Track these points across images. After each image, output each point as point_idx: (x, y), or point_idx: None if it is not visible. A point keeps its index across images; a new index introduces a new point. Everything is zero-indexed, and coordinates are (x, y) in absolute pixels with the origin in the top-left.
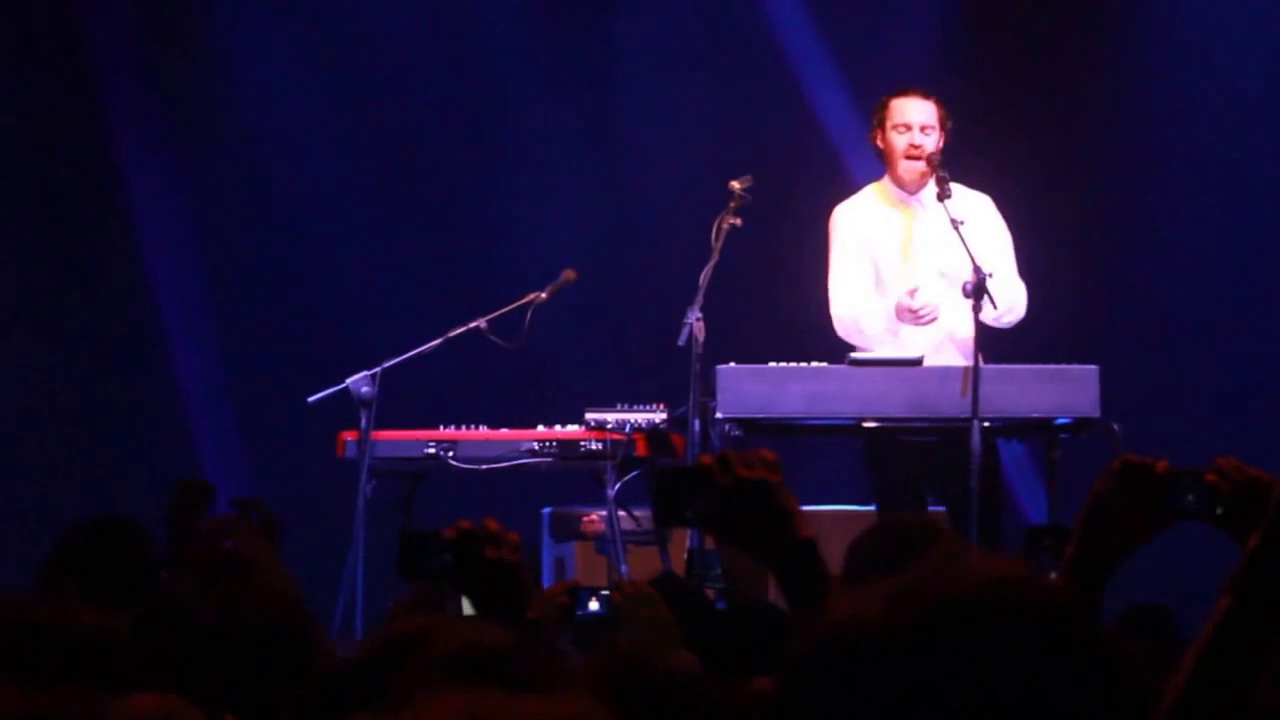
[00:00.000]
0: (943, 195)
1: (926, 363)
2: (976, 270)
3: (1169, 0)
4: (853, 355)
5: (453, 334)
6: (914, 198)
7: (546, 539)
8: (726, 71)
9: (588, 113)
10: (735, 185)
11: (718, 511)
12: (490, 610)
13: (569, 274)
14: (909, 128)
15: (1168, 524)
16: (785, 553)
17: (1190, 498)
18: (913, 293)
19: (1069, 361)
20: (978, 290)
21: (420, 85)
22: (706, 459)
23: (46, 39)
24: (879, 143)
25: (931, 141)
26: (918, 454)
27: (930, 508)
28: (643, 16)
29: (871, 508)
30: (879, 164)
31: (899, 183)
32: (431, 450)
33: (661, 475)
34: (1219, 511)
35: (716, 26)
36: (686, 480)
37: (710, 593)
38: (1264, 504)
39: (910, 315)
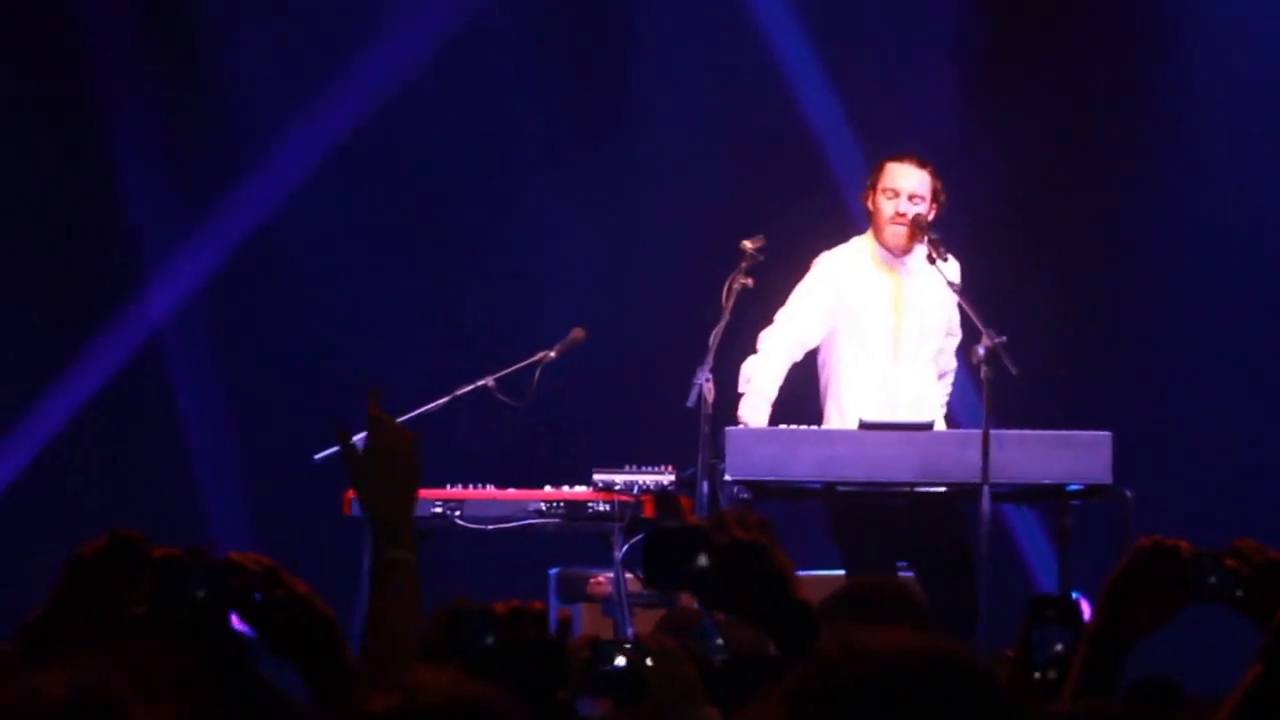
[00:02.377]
0: (934, 258)
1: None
2: (990, 335)
3: (1192, 62)
4: (863, 419)
5: (460, 392)
6: (899, 261)
7: (553, 600)
8: (741, 130)
9: (599, 171)
10: (747, 245)
11: (710, 574)
12: (528, 690)
13: (578, 333)
14: (897, 194)
15: (1186, 604)
16: (780, 616)
17: (1212, 579)
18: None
19: (1081, 427)
20: (990, 356)
21: (433, 140)
22: (694, 520)
23: (52, 82)
24: (869, 204)
25: (918, 210)
26: (887, 519)
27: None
28: (658, 74)
29: None
30: (866, 223)
31: (884, 245)
32: (438, 509)
33: (652, 536)
34: (1238, 594)
35: (732, 85)
36: (678, 541)
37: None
38: None
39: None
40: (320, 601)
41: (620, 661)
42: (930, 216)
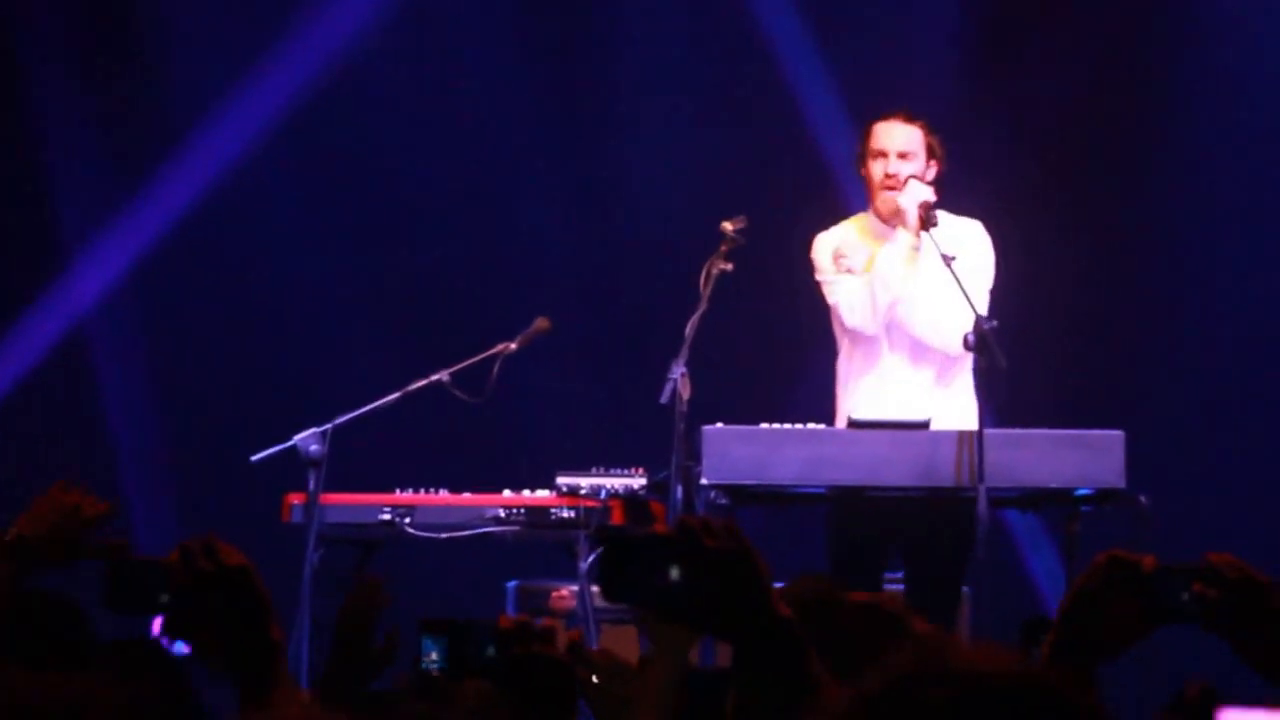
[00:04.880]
0: (927, 224)
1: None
2: (978, 320)
3: (1204, 30)
4: (853, 417)
5: (412, 388)
6: (893, 232)
7: (511, 615)
8: (723, 105)
9: (567, 148)
10: (727, 226)
11: (683, 588)
12: (535, 711)
13: (542, 323)
14: (884, 154)
15: (1155, 625)
16: (760, 636)
17: (1185, 596)
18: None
19: (1092, 426)
20: (980, 343)
21: (384, 116)
22: (660, 528)
23: None
24: (863, 174)
25: (911, 169)
26: (887, 515)
27: (888, 579)
28: (634, 46)
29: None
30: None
31: (879, 215)
32: (386, 516)
33: (609, 545)
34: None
35: (714, 58)
36: (644, 552)
37: None
38: (1259, 607)
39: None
40: (255, 576)
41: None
42: (930, 174)
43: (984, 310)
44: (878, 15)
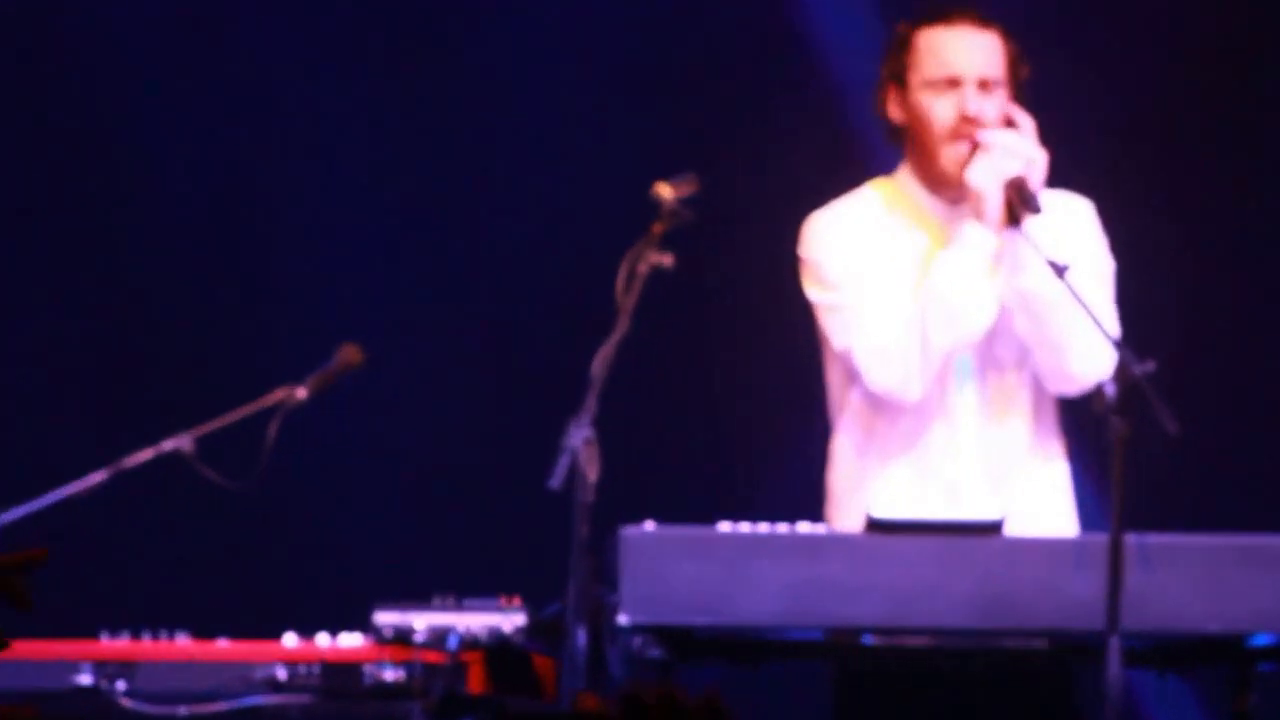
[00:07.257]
0: (1019, 213)
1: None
2: (1130, 361)
3: None
4: (874, 515)
5: (129, 464)
6: (956, 208)
7: None
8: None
9: (396, 88)
10: (665, 192)
11: None
12: None
13: (349, 354)
14: (957, 82)
15: None
16: None
17: None
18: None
19: (1270, 529)
20: (1127, 397)
21: (119, 68)
22: (589, 701)
23: None
24: (893, 113)
25: (994, 107)
26: (934, 680)
27: None
28: None
29: None
30: (893, 149)
31: (936, 180)
32: (87, 678)
33: None
34: None
35: None
36: None
37: None
38: None
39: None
40: None
41: None
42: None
43: (1112, 308)
44: None
